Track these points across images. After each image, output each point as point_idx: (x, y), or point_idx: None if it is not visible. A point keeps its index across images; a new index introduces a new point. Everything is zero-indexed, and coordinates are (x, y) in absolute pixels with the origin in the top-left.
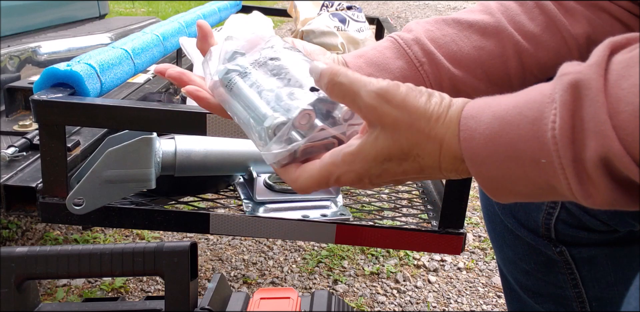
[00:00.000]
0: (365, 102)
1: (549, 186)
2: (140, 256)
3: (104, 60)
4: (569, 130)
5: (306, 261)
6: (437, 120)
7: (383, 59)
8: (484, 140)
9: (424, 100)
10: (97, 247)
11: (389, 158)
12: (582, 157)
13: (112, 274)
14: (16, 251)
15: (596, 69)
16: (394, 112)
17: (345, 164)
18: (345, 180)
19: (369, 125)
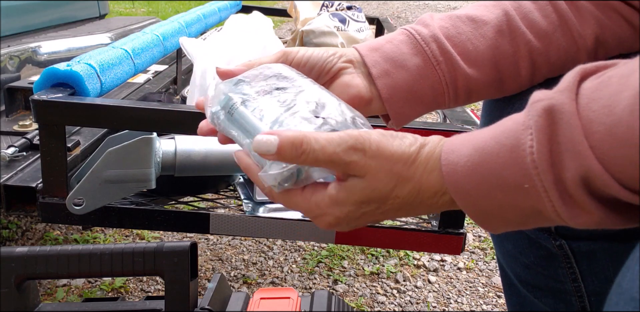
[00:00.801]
0: (345, 160)
1: (535, 211)
2: (140, 256)
3: (104, 60)
4: (547, 153)
5: (306, 261)
6: (413, 161)
7: (400, 54)
8: (467, 172)
9: (397, 143)
10: (97, 247)
11: (367, 202)
12: (563, 178)
13: (112, 274)
14: (16, 251)
15: (568, 94)
16: (372, 162)
17: (325, 207)
18: (322, 222)
19: (344, 176)
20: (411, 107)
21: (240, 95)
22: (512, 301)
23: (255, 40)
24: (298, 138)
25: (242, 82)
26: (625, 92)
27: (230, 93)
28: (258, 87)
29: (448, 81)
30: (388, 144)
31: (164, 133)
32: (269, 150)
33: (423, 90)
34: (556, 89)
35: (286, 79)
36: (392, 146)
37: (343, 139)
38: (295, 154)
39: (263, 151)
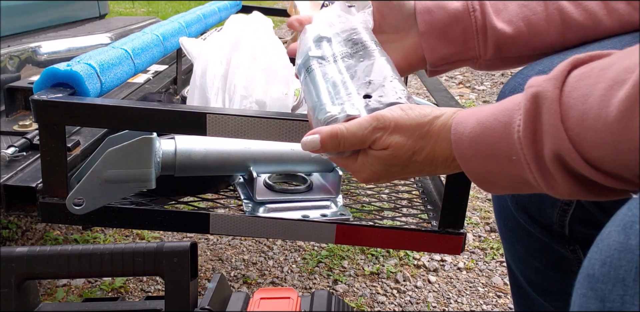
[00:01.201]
0: (371, 138)
1: (522, 179)
2: (140, 256)
3: (104, 60)
4: (530, 132)
5: (306, 261)
6: (427, 132)
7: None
8: (469, 142)
9: (413, 116)
10: (97, 247)
11: (392, 165)
12: (542, 154)
13: (112, 274)
14: (16, 251)
15: (554, 82)
16: (393, 136)
17: (360, 166)
18: (360, 176)
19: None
20: (443, 45)
21: (317, 58)
22: (521, 302)
23: (255, 40)
24: (333, 131)
25: (324, 39)
26: (600, 83)
27: (311, 53)
28: (335, 49)
29: (479, 28)
30: (405, 119)
31: (164, 133)
32: (315, 147)
33: (456, 32)
34: (547, 76)
35: (359, 46)
36: (409, 120)
37: (368, 122)
38: (335, 145)
39: (310, 149)
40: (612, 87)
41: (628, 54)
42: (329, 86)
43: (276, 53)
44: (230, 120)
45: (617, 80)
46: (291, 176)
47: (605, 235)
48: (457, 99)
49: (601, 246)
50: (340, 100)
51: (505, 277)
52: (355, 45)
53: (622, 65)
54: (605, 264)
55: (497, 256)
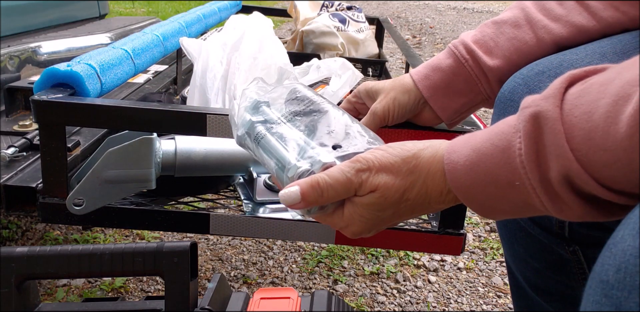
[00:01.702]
0: (357, 182)
1: (527, 204)
2: (140, 256)
3: (104, 60)
4: (533, 155)
5: (306, 261)
6: (415, 166)
7: (437, 60)
8: (465, 170)
9: (396, 152)
10: (97, 247)
11: (383, 210)
12: (548, 177)
13: (112, 274)
14: (16, 251)
15: (552, 101)
16: (379, 176)
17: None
18: (349, 232)
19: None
20: (451, 99)
21: (263, 123)
22: (520, 303)
23: (256, 41)
24: (314, 180)
25: (263, 104)
26: (603, 99)
27: (253, 118)
28: (279, 112)
29: (478, 74)
30: (388, 156)
31: (164, 133)
32: (295, 199)
33: (458, 85)
34: (543, 95)
35: (304, 103)
36: (392, 157)
37: (349, 166)
38: (317, 195)
39: (290, 203)
40: (617, 102)
41: (627, 68)
42: (288, 147)
43: (276, 53)
44: None
45: (621, 95)
46: None
47: (618, 239)
48: None
49: (614, 250)
50: (307, 154)
51: (505, 278)
52: (303, 102)
53: (623, 80)
54: (620, 270)
55: (497, 256)
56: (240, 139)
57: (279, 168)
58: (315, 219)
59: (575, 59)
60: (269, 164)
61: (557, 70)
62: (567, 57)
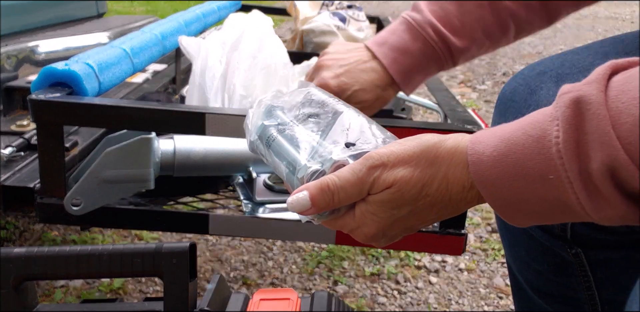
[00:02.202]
0: (369, 180)
1: (560, 204)
2: (139, 256)
3: (102, 59)
4: (572, 143)
5: (306, 262)
6: (436, 156)
7: (404, 43)
8: (492, 162)
9: (414, 144)
10: (96, 248)
11: (398, 207)
12: (589, 169)
13: (110, 275)
14: (14, 251)
15: (596, 86)
16: (395, 171)
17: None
18: (359, 234)
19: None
20: (419, 78)
21: (275, 126)
22: (521, 304)
23: (255, 40)
24: (323, 183)
25: (277, 109)
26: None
27: (266, 121)
28: (292, 114)
29: (446, 55)
30: (405, 148)
31: (163, 133)
32: (305, 205)
33: (429, 67)
34: (585, 81)
35: (318, 105)
36: (410, 148)
37: (361, 164)
38: (328, 199)
39: (300, 209)
40: None
41: None
42: (300, 147)
43: (276, 52)
44: (230, 120)
45: None
46: None
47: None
48: (458, 98)
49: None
50: (318, 154)
51: (507, 278)
52: (318, 104)
53: None
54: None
55: (499, 256)
56: (253, 145)
57: (289, 171)
58: (324, 224)
59: (577, 59)
60: (280, 169)
61: (558, 70)
62: (569, 57)
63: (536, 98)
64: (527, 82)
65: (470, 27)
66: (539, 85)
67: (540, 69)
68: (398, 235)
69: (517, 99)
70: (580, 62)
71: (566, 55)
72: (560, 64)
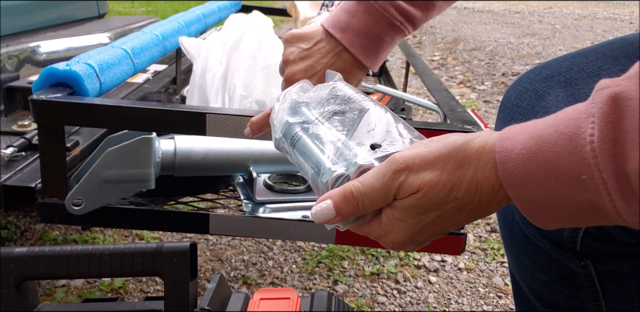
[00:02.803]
0: (395, 185)
1: (591, 206)
2: (140, 256)
3: (103, 60)
4: (609, 142)
5: (306, 262)
6: (464, 158)
7: (366, 26)
8: (521, 160)
9: (440, 145)
10: (97, 247)
11: (426, 212)
12: (625, 170)
13: (111, 274)
14: (15, 251)
15: (636, 81)
16: (421, 174)
17: (386, 227)
18: (387, 241)
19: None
20: (386, 55)
21: (300, 123)
22: None
23: (255, 40)
24: (347, 190)
25: (302, 105)
26: None
27: (290, 119)
28: (317, 111)
29: (409, 27)
30: (432, 150)
31: (164, 133)
32: (330, 215)
33: (393, 42)
34: (624, 76)
35: (344, 101)
36: (437, 150)
37: (385, 168)
38: (353, 206)
39: (325, 219)
40: None
41: None
42: (324, 148)
43: (276, 53)
44: (230, 120)
45: None
46: (291, 176)
47: None
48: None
49: None
50: (343, 157)
51: (506, 278)
52: (343, 101)
53: None
54: None
55: (498, 256)
56: (278, 142)
57: (315, 172)
58: (351, 229)
59: (586, 63)
60: (305, 169)
61: (567, 75)
62: (577, 61)
63: (544, 104)
64: (534, 86)
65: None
66: (547, 91)
67: (547, 73)
68: (427, 240)
69: (523, 105)
70: (589, 66)
71: (574, 58)
72: (568, 67)
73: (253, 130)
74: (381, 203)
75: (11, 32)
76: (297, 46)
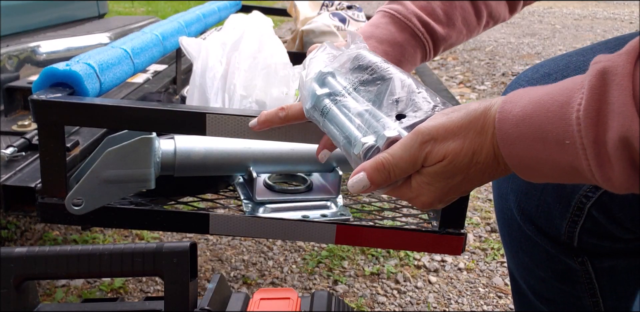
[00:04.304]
0: (422, 155)
1: (572, 168)
2: (140, 256)
3: (103, 59)
4: (593, 112)
5: (306, 262)
6: (483, 126)
7: (390, 35)
8: (516, 121)
9: (462, 115)
10: (97, 247)
11: (452, 177)
12: (604, 139)
13: (111, 274)
14: (15, 251)
15: (625, 57)
16: (445, 144)
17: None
18: (418, 202)
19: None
20: (408, 69)
21: (329, 95)
22: (522, 309)
23: (255, 40)
24: (378, 162)
25: (328, 75)
26: None
27: (319, 91)
28: (343, 81)
29: (430, 45)
30: (453, 121)
31: (164, 133)
32: (365, 185)
33: (416, 56)
34: (617, 52)
35: (368, 70)
36: (459, 120)
37: (412, 140)
38: (385, 176)
39: (361, 189)
40: None
41: None
42: (354, 120)
43: (276, 53)
44: (230, 120)
45: None
46: (291, 176)
47: None
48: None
49: None
50: (372, 128)
51: (506, 278)
52: (367, 70)
53: None
54: None
55: (498, 256)
56: (309, 113)
57: (346, 142)
58: (384, 194)
59: (583, 61)
60: (337, 139)
61: (564, 72)
62: (574, 59)
63: None
64: (532, 84)
65: (452, 16)
66: None
67: (544, 71)
68: (454, 199)
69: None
70: (585, 64)
71: (570, 57)
72: (565, 65)
73: (260, 123)
74: (410, 171)
75: (11, 32)
76: None
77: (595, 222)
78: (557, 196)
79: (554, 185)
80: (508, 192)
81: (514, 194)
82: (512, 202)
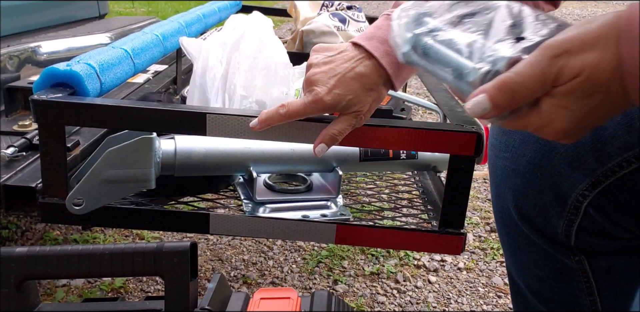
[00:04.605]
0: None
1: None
2: (140, 256)
3: (103, 60)
4: None
5: (306, 261)
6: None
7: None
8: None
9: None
10: (97, 247)
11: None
12: None
13: (111, 274)
14: (16, 251)
15: None
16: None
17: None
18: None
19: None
20: (408, 72)
21: (428, 33)
22: (520, 309)
23: (255, 40)
24: (501, 81)
25: (424, 15)
26: None
27: (416, 30)
28: (443, 18)
29: None
30: (589, 31)
31: (164, 133)
32: (486, 108)
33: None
34: None
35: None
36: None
37: (542, 54)
38: (509, 97)
39: (481, 113)
40: None
41: None
42: (462, 50)
43: (276, 53)
44: (230, 120)
45: None
46: (291, 176)
47: None
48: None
49: None
50: (486, 55)
51: (506, 278)
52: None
53: None
54: None
55: (498, 256)
56: (406, 57)
57: (455, 77)
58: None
59: None
60: (444, 76)
61: None
62: None
63: None
64: None
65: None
66: None
67: None
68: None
69: None
70: None
71: None
72: None
73: (260, 122)
74: (538, 92)
75: (12, 33)
76: (322, 54)
77: (592, 221)
78: (554, 195)
79: (551, 185)
80: (506, 192)
81: (511, 193)
82: (509, 202)
